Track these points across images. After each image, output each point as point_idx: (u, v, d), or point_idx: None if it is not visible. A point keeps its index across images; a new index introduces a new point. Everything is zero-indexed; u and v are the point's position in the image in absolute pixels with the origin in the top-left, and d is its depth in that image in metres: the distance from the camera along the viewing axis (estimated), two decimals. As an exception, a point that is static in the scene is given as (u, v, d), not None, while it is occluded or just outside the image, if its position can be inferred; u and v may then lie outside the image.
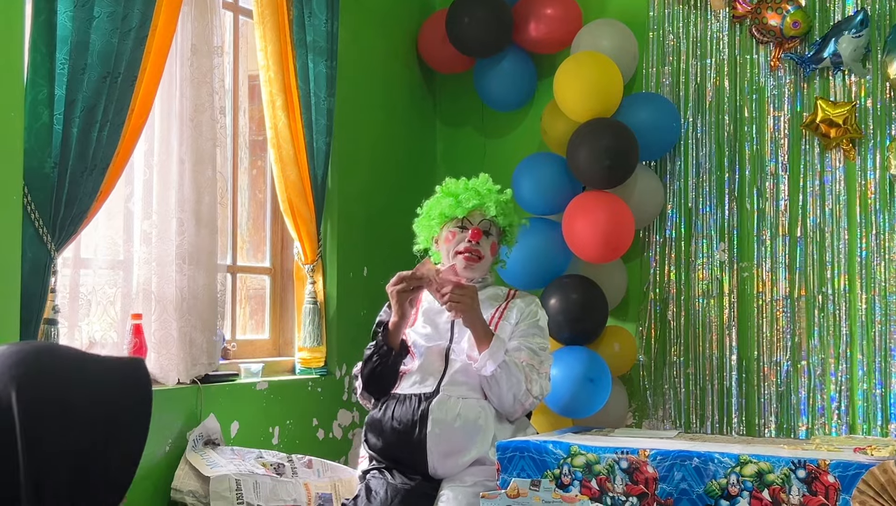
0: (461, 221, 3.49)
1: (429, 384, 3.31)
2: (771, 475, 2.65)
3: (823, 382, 4.36)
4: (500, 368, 3.23)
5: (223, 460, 3.52)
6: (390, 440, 3.28)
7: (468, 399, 3.27)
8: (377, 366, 3.35)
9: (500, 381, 3.23)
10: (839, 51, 4.29)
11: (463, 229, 3.47)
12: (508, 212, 3.57)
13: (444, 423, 3.20)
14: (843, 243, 4.35)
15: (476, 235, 3.45)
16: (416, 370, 3.35)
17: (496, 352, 3.24)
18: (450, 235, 3.50)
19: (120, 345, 3.49)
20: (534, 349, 3.39)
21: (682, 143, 4.66)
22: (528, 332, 3.42)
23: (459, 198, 3.49)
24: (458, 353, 3.36)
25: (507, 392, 3.24)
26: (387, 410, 3.33)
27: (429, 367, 3.35)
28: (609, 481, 2.86)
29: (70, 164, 3.15)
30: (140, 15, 3.34)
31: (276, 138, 4.12)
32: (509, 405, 3.27)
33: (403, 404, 3.30)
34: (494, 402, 3.29)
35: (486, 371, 3.24)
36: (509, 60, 4.85)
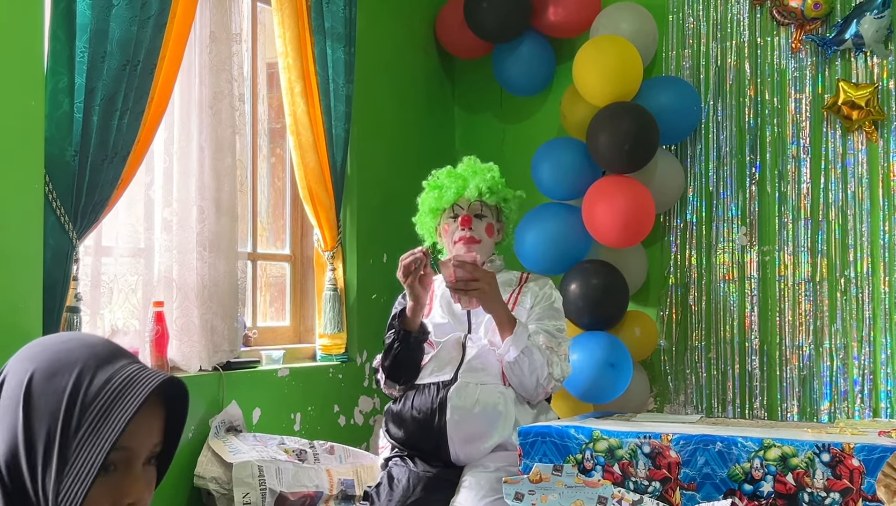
0: (452, 211, 3.43)
1: (446, 372, 3.28)
2: (795, 459, 2.64)
3: (846, 365, 4.34)
4: (522, 354, 3.19)
5: (245, 446, 3.53)
6: (411, 430, 3.27)
7: (486, 385, 3.25)
8: (399, 352, 3.29)
9: (524, 366, 3.20)
10: (861, 32, 4.25)
11: (455, 218, 3.42)
12: (496, 188, 3.46)
13: (463, 409, 3.18)
14: (866, 226, 4.32)
15: (466, 222, 3.38)
16: (434, 360, 3.33)
17: (519, 337, 3.19)
18: (445, 227, 3.46)
19: (142, 333, 3.50)
20: (551, 332, 3.35)
21: (703, 126, 4.64)
22: (544, 314, 3.39)
23: (442, 188, 3.42)
24: (476, 340, 3.34)
25: (529, 376, 3.21)
26: (406, 400, 3.31)
27: (446, 356, 3.33)
28: (632, 466, 2.85)
29: (91, 152, 3.15)
30: (159, 3, 3.34)
31: (295, 125, 4.12)
32: (532, 389, 3.24)
33: (422, 394, 3.27)
34: (517, 386, 3.26)
35: (510, 357, 3.20)
36: (528, 45, 4.83)
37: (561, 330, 3.39)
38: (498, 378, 3.29)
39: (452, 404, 3.19)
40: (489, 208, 3.46)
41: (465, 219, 3.38)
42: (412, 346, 3.30)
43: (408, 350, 3.29)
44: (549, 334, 3.34)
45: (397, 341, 3.30)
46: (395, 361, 3.31)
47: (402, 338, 3.28)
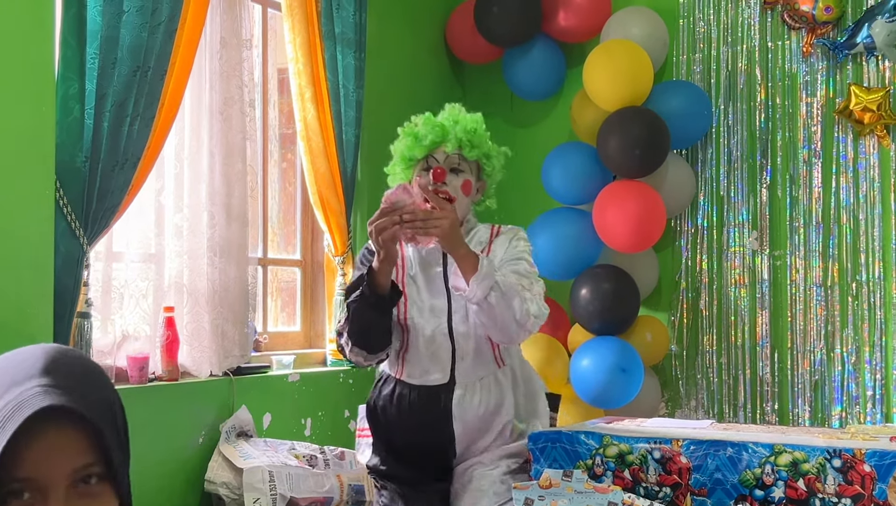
0: (426, 163, 2.96)
1: (439, 372, 2.95)
2: (806, 465, 2.63)
3: (858, 370, 4.32)
4: (493, 291, 2.75)
5: (256, 451, 3.53)
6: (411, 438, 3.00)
7: (484, 378, 2.98)
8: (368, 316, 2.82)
9: (497, 305, 2.75)
10: (872, 36, 4.24)
11: (429, 171, 2.93)
12: (478, 141, 2.99)
13: (467, 414, 2.95)
14: (878, 230, 4.31)
15: (440, 176, 2.89)
16: (422, 355, 2.96)
17: (487, 273, 2.74)
18: (418, 180, 2.94)
19: (152, 338, 3.51)
20: (520, 272, 2.92)
21: (714, 131, 4.63)
22: (511, 257, 2.98)
23: (418, 136, 2.97)
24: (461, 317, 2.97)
25: (506, 314, 2.78)
26: (400, 401, 2.99)
27: (436, 351, 2.95)
28: (642, 472, 2.84)
29: (101, 158, 3.16)
30: (169, 9, 3.36)
31: (306, 131, 4.13)
32: (513, 331, 2.83)
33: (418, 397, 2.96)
34: (493, 331, 2.87)
35: (478, 297, 2.75)
36: (538, 50, 4.83)
37: (531, 272, 2.96)
38: (492, 361, 3.00)
39: (457, 413, 2.94)
40: (468, 163, 2.99)
41: (439, 172, 2.90)
42: (384, 309, 2.84)
43: (380, 314, 2.84)
44: (519, 275, 2.92)
45: (367, 305, 2.81)
46: (365, 326, 2.84)
47: (374, 302, 2.80)
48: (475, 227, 3.07)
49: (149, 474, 3.39)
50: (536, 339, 4.53)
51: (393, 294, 2.83)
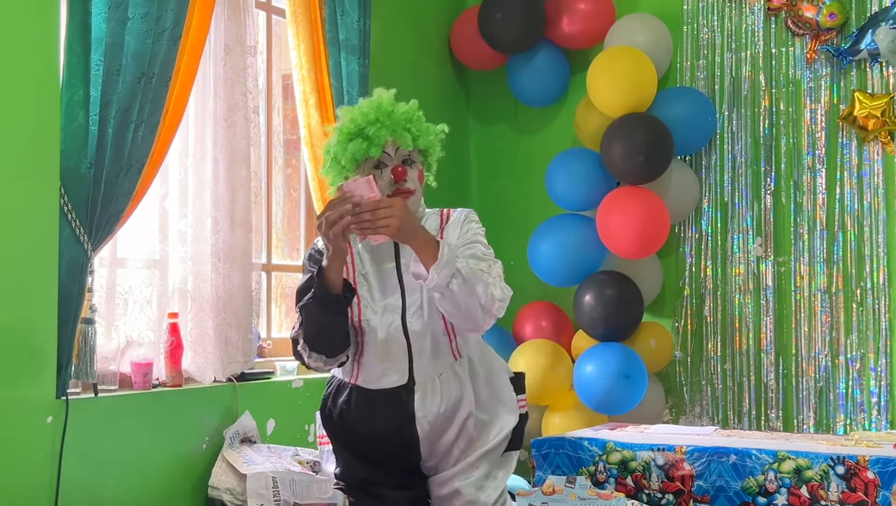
0: (375, 161, 2.79)
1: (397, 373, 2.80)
2: (809, 472, 2.63)
3: (863, 376, 4.32)
4: (454, 279, 2.63)
5: (260, 457, 3.53)
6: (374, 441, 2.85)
7: (443, 374, 2.84)
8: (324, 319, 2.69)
9: (460, 292, 2.64)
10: (876, 42, 4.24)
11: (380, 168, 2.78)
12: (423, 130, 2.87)
13: (429, 413, 2.81)
14: (882, 237, 4.30)
15: (400, 175, 2.78)
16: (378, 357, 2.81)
17: (448, 262, 2.62)
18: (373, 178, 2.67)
19: (156, 344, 3.52)
20: (477, 256, 2.82)
21: (718, 137, 4.63)
22: (466, 242, 2.86)
23: (369, 135, 2.78)
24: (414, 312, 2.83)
25: (471, 302, 2.67)
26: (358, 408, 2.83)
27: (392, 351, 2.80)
28: (645, 478, 2.84)
29: (106, 164, 3.17)
30: (174, 16, 3.36)
31: (310, 137, 4.14)
32: (479, 317, 2.71)
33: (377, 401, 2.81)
34: (459, 320, 2.75)
35: (440, 284, 2.64)
36: (542, 56, 4.83)
37: (487, 254, 2.84)
38: (449, 354, 2.86)
39: (419, 415, 2.80)
40: (416, 152, 2.87)
41: (400, 171, 2.78)
42: (339, 309, 2.71)
43: (335, 315, 2.71)
44: (476, 258, 2.81)
45: (321, 306, 2.68)
46: (321, 329, 2.71)
47: (328, 302, 2.67)
48: (424, 214, 2.95)
49: (152, 479, 3.39)
50: (540, 345, 4.53)
51: (346, 292, 2.70)
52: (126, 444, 3.31)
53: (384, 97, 2.82)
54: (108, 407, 3.28)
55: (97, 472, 3.22)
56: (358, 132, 2.77)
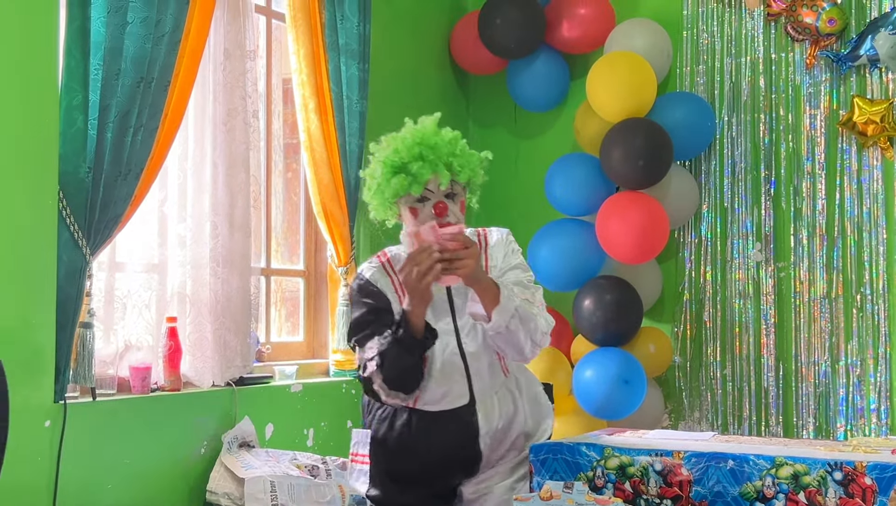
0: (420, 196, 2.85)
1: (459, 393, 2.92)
2: (807, 477, 2.62)
3: (862, 382, 4.32)
4: (512, 319, 2.78)
5: (258, 461, 3.53)
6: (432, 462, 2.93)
7: (498, 391, 2.97)
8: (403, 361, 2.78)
9: (517, 331, 2.80)
10: (876, 48, 4.24)
11: (423, 202, 2.85)
12: (466, 162, 2.91)
13: (491, 431, 2.94)
14: (882, 243, 4.30)
15: (442, 211, 2.84)
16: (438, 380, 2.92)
17: (508, 304, 2.77)
18: (411, 212, 2.87)
19: (155, 348, 3.52)
20: (523, 283, 2.95)
21: (717, 142, 4.63)
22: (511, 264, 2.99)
23: (413, 172, 2.84)
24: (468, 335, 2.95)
25: (524, 339, 2.83)
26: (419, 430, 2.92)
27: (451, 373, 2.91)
28: (643, 484, 2.84)
29: (105, 168, 3.18)
30: (173, 20, 3.37)
31: (310, 141, 4.14)
32: (528, 351, 2.87)
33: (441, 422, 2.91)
34: (510, 353, 2.89)
35: (500, 327, 2.79)
36: (542, 61, 4.84)
37: (531, 279, 2.98)
38: (501, 374, 2.99)
39: (483, 431, 2.92)
40: (459, 184, 2.93)
41: (441, 207, 2.84)
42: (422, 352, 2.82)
43: (418, 358, 2.82)
44: (523, 286, 2.94)
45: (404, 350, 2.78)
46: (403, 371, 2.81)
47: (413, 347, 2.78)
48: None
49: (151, 483, 3.39)
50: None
51: (428, 334, 2.78)
52: (124, 448, 3.31)
53: (428, 127, 2.86)
54: (107, 411, 3.28)
55: (95, 476, 3.23)
56: (402, 167, 2.82)
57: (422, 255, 2.65)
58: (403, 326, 2.73)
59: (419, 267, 2.65)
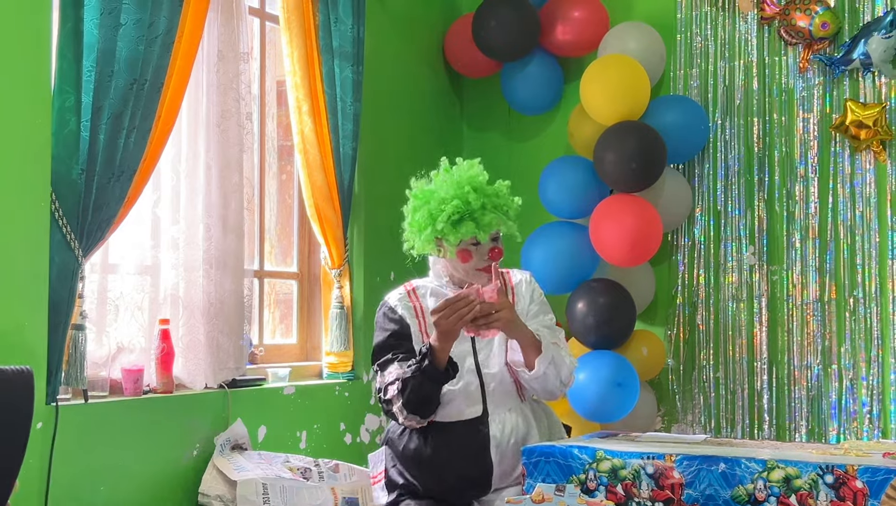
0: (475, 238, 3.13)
1: (473, 405, 3.12)
2: (798, 481, 2.63)
3: (855, 386, 4.32)
4: (549, 366, 3.08)
5: (250, 464, 3.53)
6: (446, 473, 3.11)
7: (512, 409, 3.18)
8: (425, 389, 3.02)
9: (550, 375, 3.10)
10: (869, 52, 4.25)
11: (476, 244, 3.13)
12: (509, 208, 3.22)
13: (503, 441, 3.13)
14: (874, 246, 4.31)
15: (498, 256, 3.14)
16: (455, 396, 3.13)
17: (547, 353, 3.07)
18: (464, 254, 3.14)
19: (147, 350, 3.51)
20: (550, 327, 3.24)
21: (711, 145, 4.64)
22: (539, 309, 3.28)
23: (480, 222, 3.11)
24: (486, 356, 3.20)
25: (555, 381, 3.13)
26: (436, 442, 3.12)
27: (466, 388, 3.13)
28: (635, 487, 2.84)
29: (97, 170, 3.17)
30: (166, 22, 3.37)
31: (303, 144, 4.14)
32: (558, 391, 3.17)
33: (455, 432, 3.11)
34: (541, 393, 3.17)
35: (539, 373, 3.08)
36: (536, 64, 4.84)
37: (554, 321, 3.29)
38: (517, 398, 3.21)
39: (494, 443, 3.11)
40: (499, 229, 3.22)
41: (497, 252, 3.15)
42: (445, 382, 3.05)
43: (439, 388, 3.05)
44: (551, 331, 3.22)
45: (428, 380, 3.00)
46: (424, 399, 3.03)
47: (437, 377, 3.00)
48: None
49: (143, 486, 3.39)
50: (533, 353, 4.52)
51: (451, 369, 3.03)
52: (116, 450, 3.30)
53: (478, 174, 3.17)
54: (99, 413, 3.28)
55: (87, 478, 3.22)
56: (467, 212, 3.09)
57: (460, 302, 2.93)
58: (430, 358, 2.98)
59: (458, 314, 2.92)
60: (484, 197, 3.14)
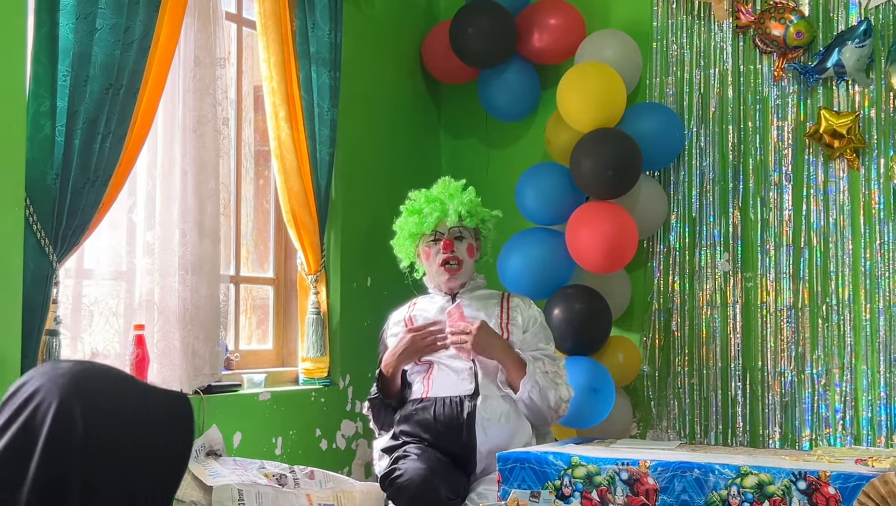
0: (433, 235, 3.58)
1: (465, 383, 3.43)
2: (771, 487, 2.65)
3: (828, 392, 4.35)
4: (532, 389, 3.37)
5: (225, 470, 3.52)
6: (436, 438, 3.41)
7: (505, 397, 3.42)
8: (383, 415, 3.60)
9: (536, 399, 3.36)
10: (842, 61, 4.29)
11: (436, 242, 3.58)
12: (475, 211, 3.65)
13: (490, 421, 3.35)
14: (847, 254, 4.34)
15: (448, 246, 3.54)
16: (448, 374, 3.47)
17: (532, 376, 3.37)
18: (425, 251, 3.61)
19: (122, 356, 3.50)
20: (551, 356, 3.52)
21: (686, 153, 4.66)
22: (539, 337, 3.56)
23: (423, 213, 3.56)
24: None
25: (543, 406, 3.38)
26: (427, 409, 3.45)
27: (459, 368, 3.47)
28: (610, 493, 2.85)
29: (72, 175, 3.16)
30: (142, 27, 3.36)
31: (280, 149, 4.13)
32: (549, 418, 3.45)
33: (445, 406, 3.41)
34: (532, 419, 3.42)
35: (524, 395, 3.38)
36: (513, 71, 4.85)
37: (555, 350, 3.63)
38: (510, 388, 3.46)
39: (481, 417, 3.35)
40: (468, 230, 3.63)
41: (447, 243, 3.53)
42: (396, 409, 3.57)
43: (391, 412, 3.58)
44: (551, 359, 3.50)
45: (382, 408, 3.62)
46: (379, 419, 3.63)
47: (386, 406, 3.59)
48: (480, 285, 3.69)
49: (117, 492, 3.37)
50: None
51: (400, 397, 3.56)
52: (90, 456, 3.28)
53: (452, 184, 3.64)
54: (73, 419, 3.25)
55: (60, 484, 3.19)
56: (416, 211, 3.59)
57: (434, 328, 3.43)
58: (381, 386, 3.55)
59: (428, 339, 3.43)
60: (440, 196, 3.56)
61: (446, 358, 3.50)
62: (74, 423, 1.40)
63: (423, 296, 3.70)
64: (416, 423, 3.45)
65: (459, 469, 3.38)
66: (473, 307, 3.59)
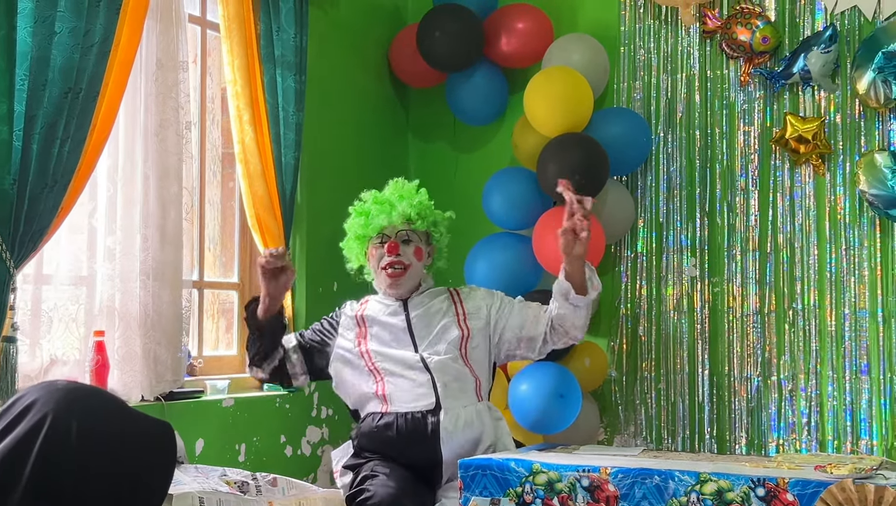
0: (379, 237, 3.46)
1: (425, 397, 3.33)
2: (730, 494, 2.64)
3: (794, 397, 4.36)
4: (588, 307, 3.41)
5: (187, 478, 3.48)
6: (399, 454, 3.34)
7: (468, 407, 3.36)
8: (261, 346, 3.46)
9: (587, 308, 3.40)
10: (808, 66, 4.30)
11: (383, 244, 3.45)
12: (425, 213, 3.50)
13: (454, 435, 3.30)
14: (814, 259, 4.35)
15: (392, 249, 3.41)
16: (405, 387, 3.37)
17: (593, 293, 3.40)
18: (372, 252, 3.49)
19: (82, 362, 3.46)
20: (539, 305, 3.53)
21: (653, 157, 4.66)
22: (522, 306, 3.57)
23: (370, 215, 3.45)
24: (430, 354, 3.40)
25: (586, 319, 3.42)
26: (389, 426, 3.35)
27: (417, 381, 3.36)
28: (571, 500, 2.84)
29: (30, 180, 3.12)
30: (103, 30, 3.32)
31: (244, 153, 4.10)
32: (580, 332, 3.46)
33: (407, 421, 3.33)
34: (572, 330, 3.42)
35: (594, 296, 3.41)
36: (481, 75, 4.84)
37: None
38: (473, 395, 3.41)
39: (445, 431, 3.29)
40: (417, 233, 3.48)
41: (392, 246, 3.41)
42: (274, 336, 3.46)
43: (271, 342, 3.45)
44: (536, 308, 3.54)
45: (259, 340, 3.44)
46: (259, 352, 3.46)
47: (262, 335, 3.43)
48: (431, 287, 3.54)
49: (75, 500, 3.33)
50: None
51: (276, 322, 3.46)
52: (48, 464, 3.24)
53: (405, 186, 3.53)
54: (30, 427, 3.21)
55: (17, 493, 3.16)
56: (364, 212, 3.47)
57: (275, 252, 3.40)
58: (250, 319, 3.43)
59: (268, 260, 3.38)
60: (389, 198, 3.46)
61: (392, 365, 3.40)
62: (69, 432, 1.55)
63: (374, 297, 3.56)
64: (377, 439, 3.36)
65: (424, 482, 3.35)
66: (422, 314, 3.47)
